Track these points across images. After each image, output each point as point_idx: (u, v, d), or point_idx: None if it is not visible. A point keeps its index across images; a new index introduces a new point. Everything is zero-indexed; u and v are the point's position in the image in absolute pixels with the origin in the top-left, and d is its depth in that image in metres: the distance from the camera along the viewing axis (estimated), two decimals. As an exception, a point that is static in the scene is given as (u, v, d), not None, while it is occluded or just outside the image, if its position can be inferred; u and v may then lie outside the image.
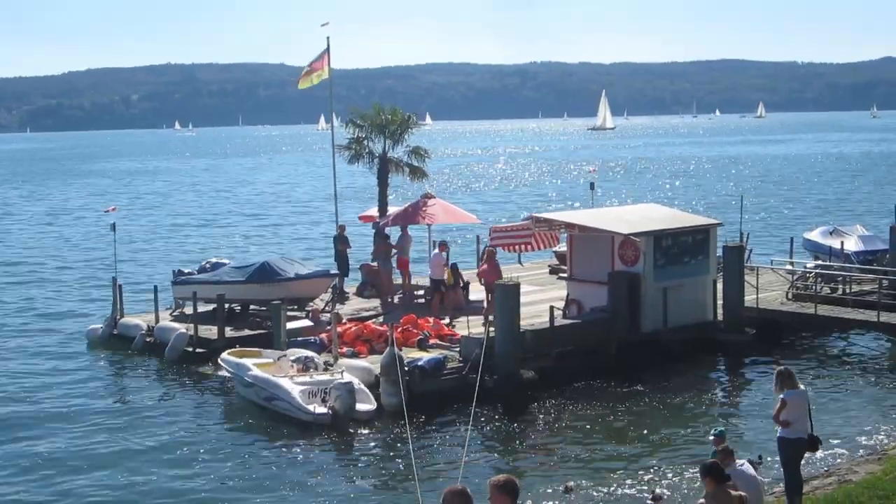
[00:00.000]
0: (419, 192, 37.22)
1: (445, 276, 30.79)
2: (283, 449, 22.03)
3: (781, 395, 15.76)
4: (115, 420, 24.72)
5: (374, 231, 36.32)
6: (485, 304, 29.40)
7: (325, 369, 24.74)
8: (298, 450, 21.91)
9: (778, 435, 16.02)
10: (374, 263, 34.82)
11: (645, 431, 22.47)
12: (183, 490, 19.88)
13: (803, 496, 16.21)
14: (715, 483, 12.12)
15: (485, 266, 29.79)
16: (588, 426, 23.07)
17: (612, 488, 19.03)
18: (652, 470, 19.79)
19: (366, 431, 22.82)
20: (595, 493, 18.80)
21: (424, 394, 23.68)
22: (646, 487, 18.73)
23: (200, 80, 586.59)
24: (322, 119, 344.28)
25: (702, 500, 12.30)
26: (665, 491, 18.43)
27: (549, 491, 18.85)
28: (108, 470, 21.04)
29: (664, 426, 22.85)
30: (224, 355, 26.10)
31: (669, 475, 19.31)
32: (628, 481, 19.30)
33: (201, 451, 22.11)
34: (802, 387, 16.22)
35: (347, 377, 23.75)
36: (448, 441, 22.18)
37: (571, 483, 19.08)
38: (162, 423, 24.16)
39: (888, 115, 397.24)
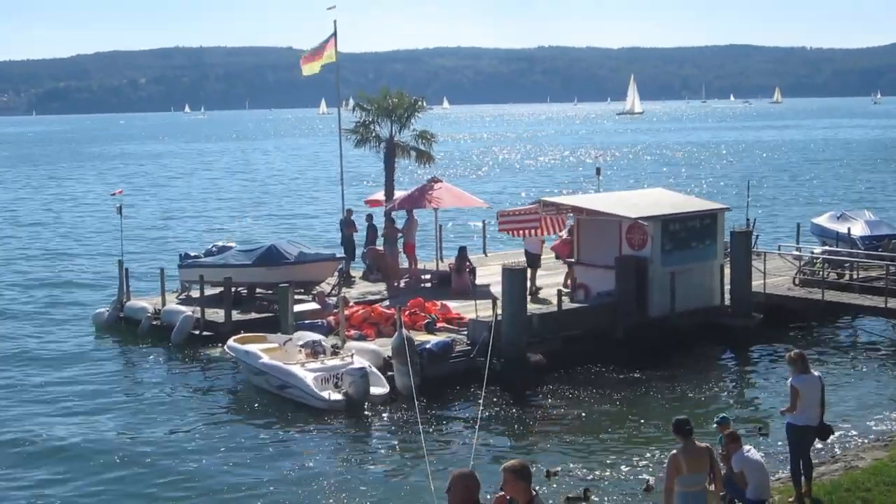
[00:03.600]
0: (426, 176, 37.13)
1: (541, 252, 32.14)
2: (293, 432, 22.04)
3: (790, 381, 15.66)
4: (121, 403, 24.77)
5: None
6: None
7: (334, 353, 24.73)
8: (308, 433, 21.94)
9: (786, 421, 15.93)
10: (381, 248, 34.80)
11: (651, 416, 22.45)
12: (193, 474, 19.86)
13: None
14: (683, 437, 12.77)
15: (558, 241, 32.27)
16: (594, 410, 23.06)
17: (613, 472, 19.02)
18: (648, 455, 19.72)
19: (377, 414, 22.83)
20: (595, 476, 18.78)
21: (433, 377, 23.72)
22: (647, 473, 18.71)
23: (208, 63, 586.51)
24: (323, 103, 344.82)
25: (674, 452, 12.83)
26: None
27: (557, 473, 18.86)
28: (116, 454, 21.02)
29: (670, 411, 22.73)
30: (230, 342, 26.02)
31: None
32: (625, 467, 19.26)
33: (208, 434, 22.15)
34: (817, 373, 16.10)
35: (359, 361, 23.77)
36: (457, 424, 22.24)
37: (559, 468, 19.02)
38: (169, 407, 24.20)
39: (891, 101, 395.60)
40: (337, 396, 22.93)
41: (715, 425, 14.83)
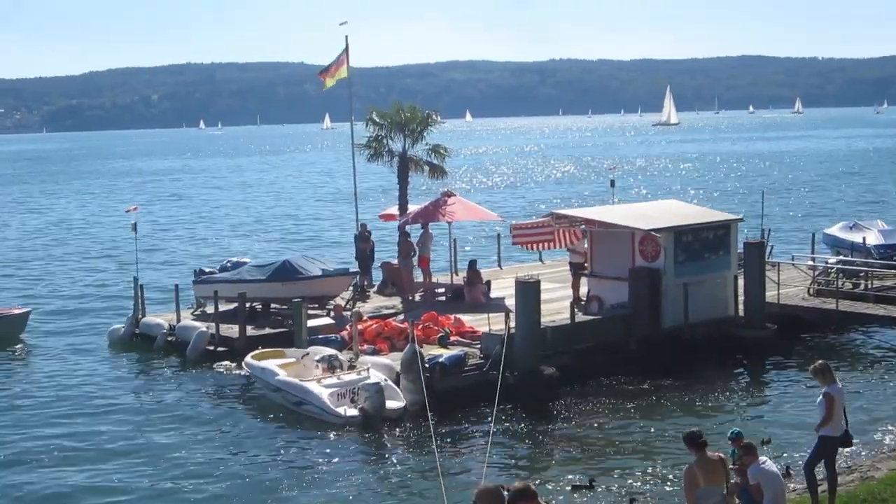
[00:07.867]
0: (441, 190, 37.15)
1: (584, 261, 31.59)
2: (308, 447, 22.10)
3: (826, 390, 15.50)
4: (136, 419, 24.83)
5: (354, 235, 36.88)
6: None
7: (351, 367, 24.77)
8: (322, 448, 21.97)
9: (821, 434, 15.76)
10: (395, 262, 34.89)
11: (665, 428, 22.42)
12: (206, 488, 19.93)
13: (821, 493, 16.04)
14: (696, 450, 12.84)
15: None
16: (608, 422, 23.06)
17: (630, 484, 19.02)
18: (664, 468, 19.70)
19: (391, 430, 22.82)
20: (612, 489, 18.78)
21: (445, 390, 23.70)
22: (667, 485, 18.69)
23: (220, 79, 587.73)
24: (327, 117, 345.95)
25: (686, 466, 12.92)
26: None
27: (570, 487, 18.86)
28: (131, 470, 21.14)
29: (684, 422, 22.69)
30: (248, 359, 26.11)
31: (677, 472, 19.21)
32: (639, 482, 19.26)
33: (222, 449, 22.21)
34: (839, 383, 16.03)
35: (375, 376, 23.79)
36: (470, 438, 22.22)
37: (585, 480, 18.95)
38: (184, 422, 24.26)
39: (893, 111, 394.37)
40: (353, 412, 22.96)
41: (729, 440, 14.77)
